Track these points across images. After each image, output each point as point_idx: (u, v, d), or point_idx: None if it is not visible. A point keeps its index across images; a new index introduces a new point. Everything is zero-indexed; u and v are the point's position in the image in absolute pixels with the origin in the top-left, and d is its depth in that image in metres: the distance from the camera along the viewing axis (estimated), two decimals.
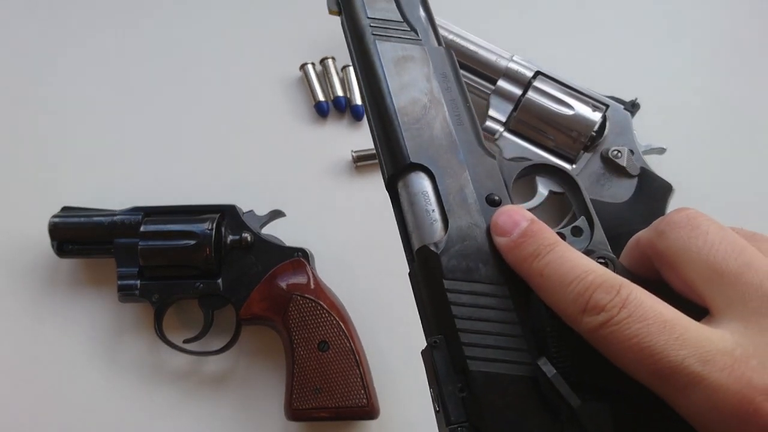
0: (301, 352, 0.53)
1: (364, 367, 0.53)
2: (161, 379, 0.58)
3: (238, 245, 0.56)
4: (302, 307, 0.54)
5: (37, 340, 0.59)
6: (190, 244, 0.54)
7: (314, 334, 0.53)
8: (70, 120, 0.66)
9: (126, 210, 0.58)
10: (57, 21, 0.70)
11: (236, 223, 0.57)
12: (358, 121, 0.66)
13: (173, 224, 0.55)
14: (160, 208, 0.58)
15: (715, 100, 0.69)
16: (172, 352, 0.57)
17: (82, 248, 0.58)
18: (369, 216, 0.63)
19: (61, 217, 0.57)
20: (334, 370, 0.53)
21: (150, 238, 0.55)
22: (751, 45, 0.71)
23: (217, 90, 0.68)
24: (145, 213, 0.57)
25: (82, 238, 0.57)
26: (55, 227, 0.57)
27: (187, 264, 0.55)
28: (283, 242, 0.58)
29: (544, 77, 0.61)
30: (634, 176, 0.58)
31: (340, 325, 0.54)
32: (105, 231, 0.56)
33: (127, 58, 0.69)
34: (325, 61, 0.67)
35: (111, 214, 0.57)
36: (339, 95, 0.66)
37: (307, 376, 0.52)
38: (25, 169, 0.65)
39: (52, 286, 0.60)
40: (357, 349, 0.53)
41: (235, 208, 0.57)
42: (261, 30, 0.71)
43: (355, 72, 0.37)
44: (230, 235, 0.56)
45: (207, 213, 0.56)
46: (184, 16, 0.71)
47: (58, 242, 0.57)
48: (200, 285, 0.55)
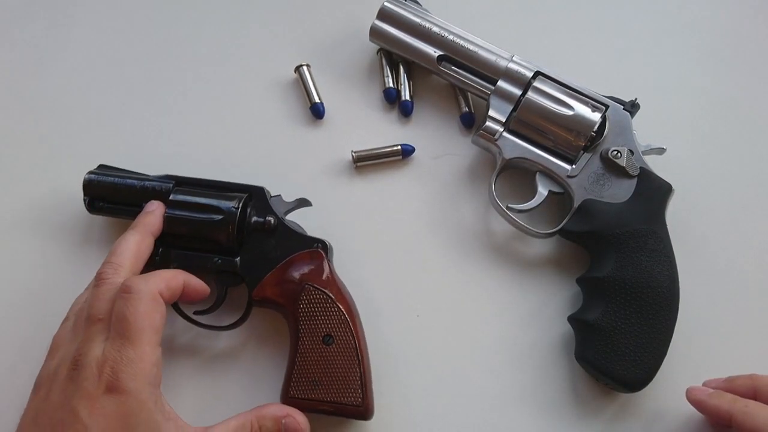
0: (305, 342, 0.53)
1: (365, 367, 0.53)
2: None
3: (260, 227, 0.56)
4: (313, 297, 0.54)
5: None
6: (214, 219, 0.55)
7: (321, 326, 0.53)
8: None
9: (159, 177, 0.59)
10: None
11: (262, 206, 0.57)
12: (356, 121, 0.67)
13: (202, 197, 0.56)
14: (192, 179, 0.59)
15: (715, 100, 0.69)
16: (182, 325, 0.57)
17: (112, 207, 0.59)
18: (369, 216, 0.63)
19: (97, 174, 0.59)
20: (335, 365, 0.53)
21: (177, 208, 0.56)
22: (751, 45, 0.71)
23: (211, 92, 0.68)
24: (177, 182, 0.58)
25: (113, 197, 0.58)
26: (89, 183, 0.58)
27: (209, 238, 0.55)
28: (305, 231, 0.58)
29: (543, 77, 0.61)
30: (634, 176, 0.58)
31: (348, 321, 0.54)
32: (136, 194, 0.58)
33: (125, 57, 0.69)
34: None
35: (144, 178, 0.59)
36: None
37: (307, 367, 0.53)
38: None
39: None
40: (360, 348, 0.54)
41: (264, 190, 0.58)
42: (256, 33, 0.70)
43: None
44: (255, 216, 0.57)
45: (236, 191, 0.57)
46: (177, 18, 0.71)
47: (90, 198, 0.59)
48: (218, 260, 0.56)
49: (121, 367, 0.45)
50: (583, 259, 0.61)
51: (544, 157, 0.60)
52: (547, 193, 0.60)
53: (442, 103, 0.68)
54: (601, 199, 0.58)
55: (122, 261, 0.51)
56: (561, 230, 0.59)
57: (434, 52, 0.63)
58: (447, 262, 0.62)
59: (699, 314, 0.59)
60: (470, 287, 0.61)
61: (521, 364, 0.59)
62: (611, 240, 0.56)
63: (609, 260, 0.56)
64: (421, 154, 0.65)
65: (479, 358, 0.59)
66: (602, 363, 0.54)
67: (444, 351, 0.59)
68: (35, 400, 0.48)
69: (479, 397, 0.58)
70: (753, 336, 0.60)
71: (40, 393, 0.47)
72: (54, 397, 0.46)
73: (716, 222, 0.64)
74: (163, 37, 0.70)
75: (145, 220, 0.55)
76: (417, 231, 0.63)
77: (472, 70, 0.63)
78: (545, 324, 0.60)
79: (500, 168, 0.61)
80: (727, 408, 0.49)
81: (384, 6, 0.64)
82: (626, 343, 0.54)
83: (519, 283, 0.61)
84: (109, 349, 0.46)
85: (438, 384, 0.58)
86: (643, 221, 0.56)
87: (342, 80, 0.68)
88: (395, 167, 0.65)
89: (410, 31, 0.64)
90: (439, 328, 0.60)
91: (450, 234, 0.63)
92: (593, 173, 0.59)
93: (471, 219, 0.64)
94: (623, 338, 0.54)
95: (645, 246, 0.55)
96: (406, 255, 0.62)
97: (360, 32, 0.68)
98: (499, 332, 0.60)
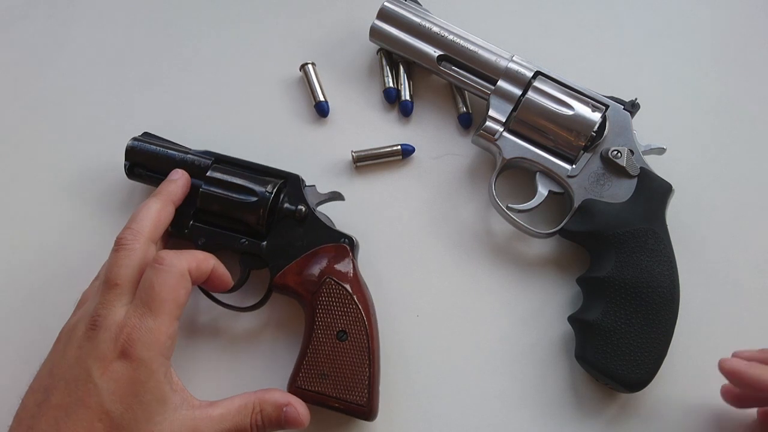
0: (319, 334, 0.53)
1: (375, 368, 0.53)
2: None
3: (291, 215, 0.57)
4: (333, 292, 0.54)
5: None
6: (248, 201, 0.55)
7: (337, 321, 0.54)
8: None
9: (199, 151, 0.60)
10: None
11: (296, 194, 0.58)
12: (356, 121, 0.67)
13: (238, 178, 0.57)
14: (231, 158, 0.59)
15: (715, 100, 0.69)
16: (204, 306, 0.58)
17: (151, 175, 0.59)
18: (368, 216, 0.63)
19: (140, 141, 0.60)
20: (346, 361, 0.53)
21: (213, 184, 0.57)
22: (751, 45, 0.71)
23: (216, 90, 0.68)
24: (216, 159, 0.59)
25: (152, 165, 0.59)
26: (132, 149, 0.59)
27: (240, 219, 0.56)
28: (335, 225, 0.58)
29: (544, 77, 0.61)
30: (634, 176, 0.58)
31: (365, 320, 0.54)
32: (175, 165, 0.58)
33: (126, 57, 0.70)
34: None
35: (185, 151, 0.60)
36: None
37: (318, 359, 0.53)
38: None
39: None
40: (373, 349, 0.54)
41: (299, 178, 0.58)
42: (260, 32, 0.71)
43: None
44: (287, 203, 0.57)
45: (272, 176, 0.58)
46: (182, 17, 0.72)
47: (131, 164, 0.60)
48: (245, 242, 0.56)
49: (138, 334, 0.46)
50: (583, 259, 0.61)
51: (544, 157, 0.60)
52: (547, 193, 0.60)
53: (442, 103, 0.68)
54: (602, 199, 0.58)
55: (142, 228, 0.52)
56: (561, 230, 0.59)
57: (434, 52, 0.63)
58: (447, 262, 0.62)
59: (699, 314, 0.59)
60: (470, 287, 0.61)
61: (521, 364, 0.59)
62: (611, 240, 0.56)
63: (609, 260, 0.56)
64: (421, 154, 0.65)
65: (479, 358, 0.59)
66: (602, 363, 0.54)
67: (444, 351, 0.59)
68: (54, 352, 0.49)
69: (479, 397, 0.58)
70: (753, 336, 0.59)
71: (59, 346, 0.49)
72: (70, 352, 0.47)
73: (716, 222, 0.64)
74: (167, 36, 0.71)
75: (168, 188, 0.56)
76: (417, 231, 0.63)
77: (472, 70, 0.63)
78: (545, 324, 0.60)
79: (500, 168, 0.61)
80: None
81: (384, 6, 0.64)
82: (626, 343, 0.54)
83: (519, 283, 0.61)
84: (131, 315, 0.47)
85: (438, 384, 0.58)
86: (644, 221, 0.56)
87: (342, 80, 0.68)
88: (395, 167, 0.65)
89: (410, 31, 0.64)
90: (439, 328, 0.60)
91: (450, 234, 0.63)
92: (593, 173, 0.59)
93: (471, 219, 0.63)
94: (623, 338, 0.54)
95: (645, 246, 0.55)
96: (406, 255, 0.62)
97: (360, 32, 0.68)
98: (499, 332, 0.60)
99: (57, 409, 0.45)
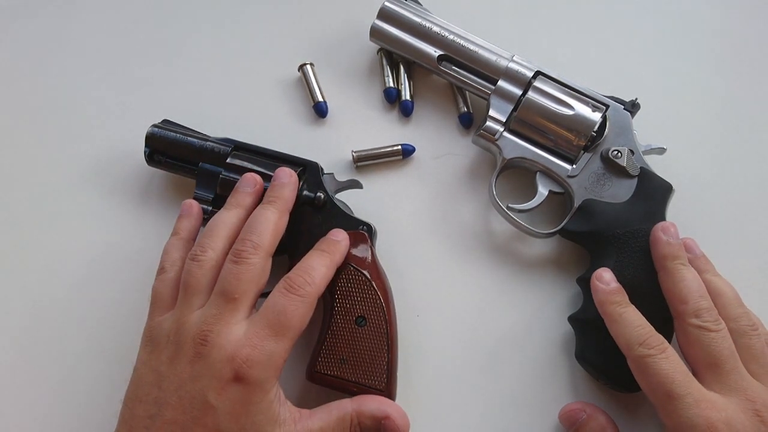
0: (338, 320, 0.53)
1: (393, 354, 0.53)
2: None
3: (309, 202, 0.57)
4: (353, 278, 0.54)
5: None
6: (266, 188, 0.56)
7: (356, 307, 0.54)
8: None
9: (218, 139, 0.60)
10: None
11: (314, 181, 0.58)
12: (356, 121, 0.67)
13: (257, 165, 0.57)
14: (251, 146, 0.59)
15: (715, 100, 0.69)
16: None
17: (171, 163, 0.60)
18: (368, 216, 0.63)
19: (160, 128, 0.60)
20: (364, 347, 0.53)
21: (233, 171, 0.57)
22: (751, 45, 0.71)
23: (214, 91, 0.68)
24: (235, 146, 0.59)
25: (172, 152, 0.60)
26: (152, 135, 0.60)
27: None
28: (353, 212, 0.59)
29: (544, 77, 0.61)
30: (634, 176, 0.58)
31: (383, 306, 0.54)
32: (194, 152, 0.59)
33: (125, 57, 0.70)
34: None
35: (205, 138, 0.60)
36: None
37: (337, 345, 0.53)
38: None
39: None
40: (391, 335, 0.54)
41: (318, 165, 0.59)
42: (259, 32, 0.71)
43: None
44: (306, 190, 0.57)
45: (291, 163, 0.58)
46: (180, 16, 0.72)
47: (150, 151, 0.60)
48: None
49: (258, 358, 0.46)
50: (583, 259, 0.61)
51: (544, 156, 0.60)
52: (548, 193, 0.60)
53: (443, 103, 0.68)
54: (602, 199, 0.58)
55: (262, 241, 0.50)
56: (561, 230, 0.59)
57: (434, 51, 0.63)
58: (447, 262, 0.62)
59: None
60: (470, 287, 0.61)
61: (521, 364, 0.59)
62: (612, 240, 0.56)
63: (609, 260, 0.56)
64: (421, 154, 0.65)
65: (479, 358, 0.59)
66: (602, 363, 0.54)
67: (443, 351, 0.59)
68: (154, 360, 0.48)
69: (479, 397, 0.58)
70: None
71: (161, 356, 0.48)
72: (180, 367, 0.46)
73: (716, 222, 0.64)
74: (166, 35, 0.71)
75: (284, 195, 0.54)
76: (417, 231, 0.63)
77: (472, 70, 0.63)
78: (545, 324, 0.60)
79: (500, 168, 0.61)
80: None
81: (384, 6, 0.64)
82: None
83: (519, 283, 0.61)
84: (251, 336, 0.46)
85: (437, 384, 0.58)
86: (644, 221, 0.56)
87: (342, 80, 0.68)
88: (395, 167, 0.65)
89: (410, 30, 0.64)
90: (439, 328, 0.60)
91: (450, 234, 0.63)
92: (594, 173, 0.59)
93: (471, 219, 0.64)
94: None
95: (645, 246, 0.55)
96: (406, 255, 0.62)
97: (360, 32, 0.68)
98: (499, 332, 0.60)
99: (172, 425, 0.44)
